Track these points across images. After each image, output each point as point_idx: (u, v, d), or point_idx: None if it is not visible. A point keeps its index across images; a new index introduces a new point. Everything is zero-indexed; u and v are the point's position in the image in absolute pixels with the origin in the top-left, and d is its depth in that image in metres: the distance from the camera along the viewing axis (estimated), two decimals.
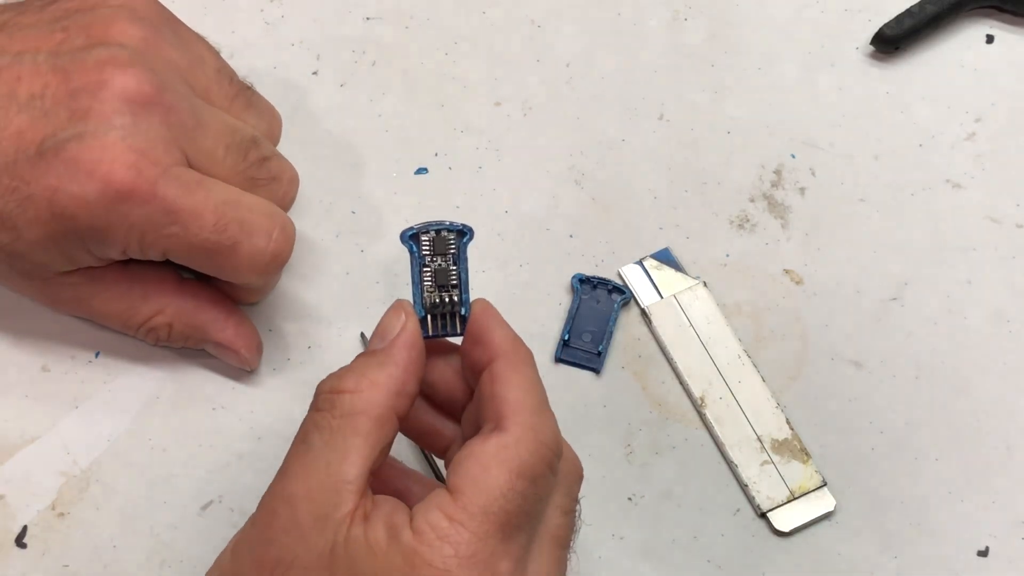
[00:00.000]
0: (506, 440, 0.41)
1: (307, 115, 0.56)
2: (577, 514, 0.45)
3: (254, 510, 0.52)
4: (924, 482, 0.54)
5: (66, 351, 0.55)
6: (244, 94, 0.53)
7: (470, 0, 0.64)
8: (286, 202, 0.53)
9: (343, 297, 0.56)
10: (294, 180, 0.53)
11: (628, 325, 0.57)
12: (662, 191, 0.60)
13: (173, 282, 0.53)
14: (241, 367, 0.54)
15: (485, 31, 0.63)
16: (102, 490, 0.52)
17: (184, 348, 0.54)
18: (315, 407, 0.43)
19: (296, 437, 0.43)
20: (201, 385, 0.54)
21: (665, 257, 0.58)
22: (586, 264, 0.57)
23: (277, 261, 0.50)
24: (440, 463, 0.50)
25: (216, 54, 0.53)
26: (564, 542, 0.44)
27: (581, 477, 0.45)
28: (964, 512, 0.53)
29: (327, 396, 0.43)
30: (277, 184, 0.52)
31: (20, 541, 0.51)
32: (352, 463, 0.41)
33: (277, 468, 0.53)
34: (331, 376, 0.43)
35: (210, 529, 0.52)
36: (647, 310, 0.56)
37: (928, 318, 0.57)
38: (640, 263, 0.57)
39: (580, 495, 0.45)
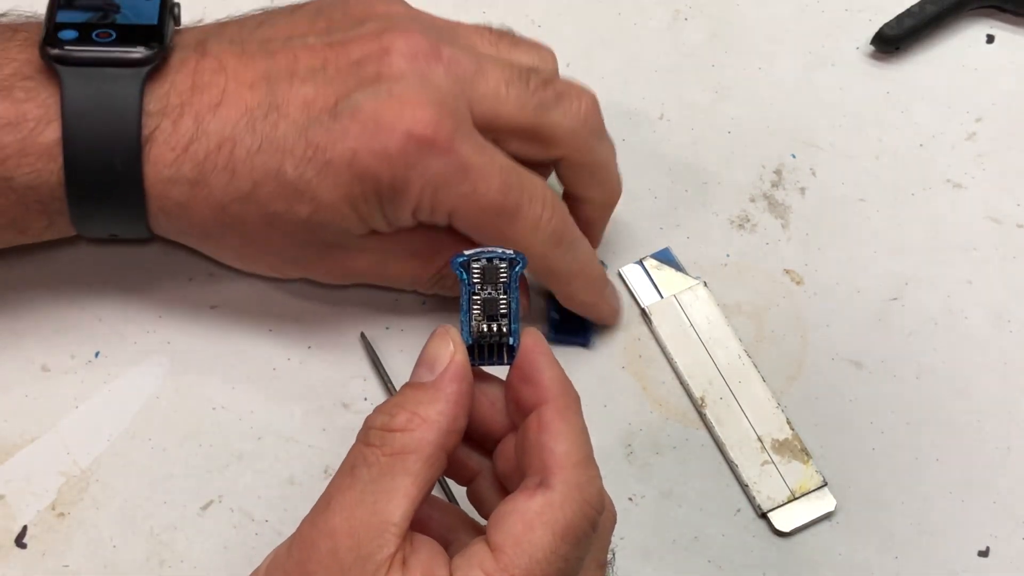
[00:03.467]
0: (552, 498, 0.40)
1: None
2: (610, 562, 0.44)
3: (255, 511, 0.52)
4: (924, 482, 0.54)
5: (66, 351, 0.55)
6: (505, 37, 0.54)
7: (470, 0, 0.64)
8: (585, 115, 0.52)
9: (343, 297, 0.56)
10: (584, 93, 0.53)
11: (628, 325, 0.57)
12: (662, 191, 0.60)
13: (457, 234, 0.53)
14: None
15: None
16: (102, 490, 0.52)
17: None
18: (364, 441, 0.42)
19: (341, 468, 0.42)
20: (201, 385, 0.54)
21: (665, 257, 0.58)
22: None
23: (551, 227, 0.51)
24: (450, 482, 0.50)
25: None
26: None
27: (615, 523, 0.45)
28: (964, 512, 0.53)
29: (377, 432, 0.41)
30: (568, 101, 0.52)
31: (20, 541, 0.51)
32: (398, 504, 0.40)
33: (277, 468, 0.53)
34: (380, 411, 0.42)
35: (210, 529, 0.52)
36: (647, 310, 0.56)
37: (928, 318, 0.57)
38: (640, 263, 0.57)
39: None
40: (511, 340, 0.44)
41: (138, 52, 0.49)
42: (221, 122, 0.49)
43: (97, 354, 0.55)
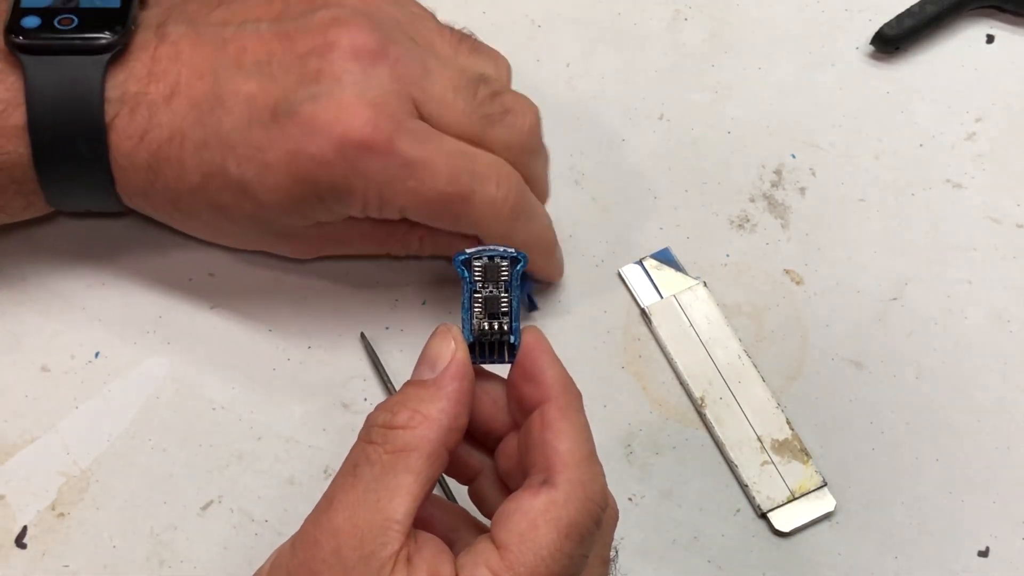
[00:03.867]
0: (556, 496, 0.41)
1: None
2: (613, 558, 0.44)
3: (255, 511, 0.52)
4: (924, 482, 0.54)
5: (66, 351, 0.55)
6: (467, 41, 0.54)
7: (470, 0, 0.64)
8: (527, 133, 0.52)
9: (343, 297, 0.56)
10: (529, 109, 0.53)
11: (628, 325, 0.57)
12: (662, 191, 0.60)
13: None
14: None
15: (485, 31, 0.63)
16: (102, 490, 0.52)
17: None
18: (366, 439, 0.42)
19: (343, 467, 0.42)
20: (201, 385, 0.54)
21: (665, 257, 0.58)
22: (586, 264, 0.57)
23: (507, 205, 0.51)
24: (451, 481, 0.49)
25: (431, 13, 0.54)
26: None
27: (617, 520, 0.45)
28: (964, 512, 0.53)
29: (379, 430, 0.42)
30: (512, 116, 0.52)
31: (20, 541, 0.51)
32: (401, 502, 0.40)
33: (277, 468, 0.53)
34: (382, 409, 0.42)
35: (210, 529, 0.52)
36: (647, 310, 0.56)
37: (928, 318, 0.57)
38: (640, 263, 0.57)
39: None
40: (512, 338, 0.44)
41: (102, 38, 0.49)
42: (172, 114, 0.49)
43: (97, 354, 0.55)
